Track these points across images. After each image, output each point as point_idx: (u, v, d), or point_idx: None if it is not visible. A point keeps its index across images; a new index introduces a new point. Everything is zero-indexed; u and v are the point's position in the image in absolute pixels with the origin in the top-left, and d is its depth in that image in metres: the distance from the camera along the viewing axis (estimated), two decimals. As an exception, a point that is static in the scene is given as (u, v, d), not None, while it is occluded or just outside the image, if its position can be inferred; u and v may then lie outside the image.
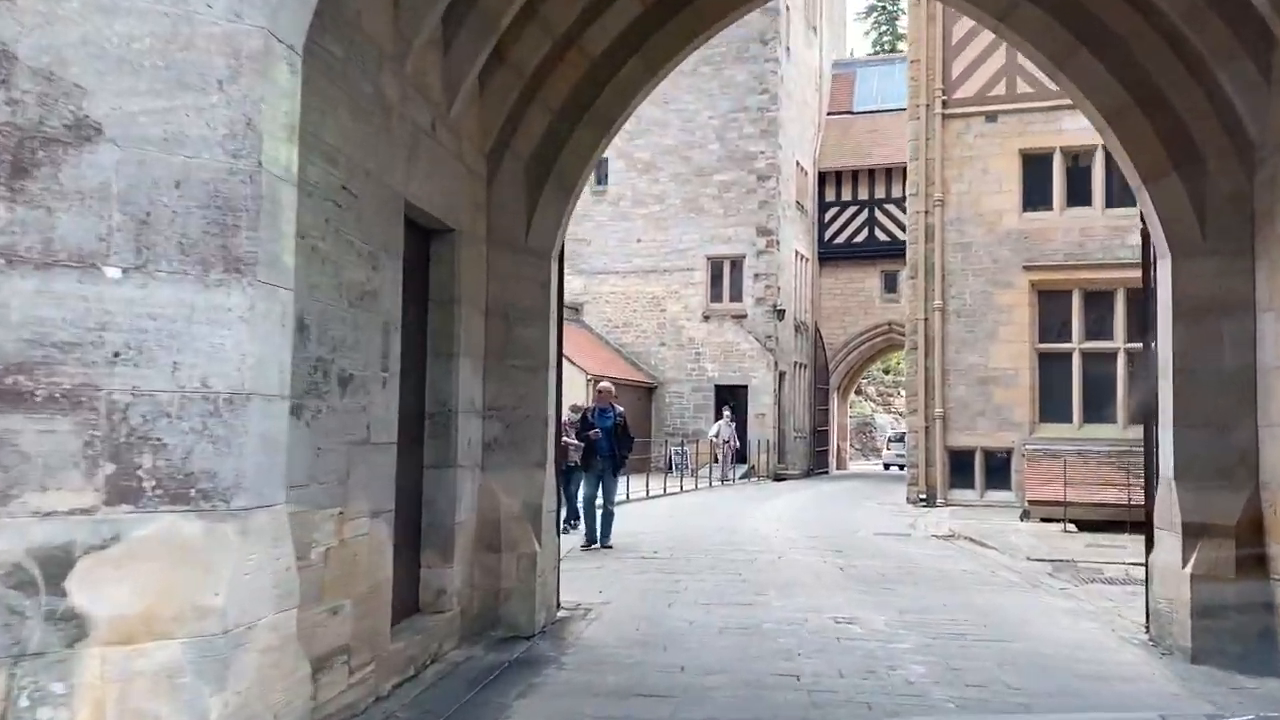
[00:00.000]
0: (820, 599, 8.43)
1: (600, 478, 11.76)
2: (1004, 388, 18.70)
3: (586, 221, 31.79)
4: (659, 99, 31.27)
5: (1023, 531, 14.79)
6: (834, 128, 36.27)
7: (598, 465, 11.78)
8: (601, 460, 11.79)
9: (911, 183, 19.58)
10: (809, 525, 15.04)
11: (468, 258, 6.64)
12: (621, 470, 12.36)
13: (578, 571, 9.85)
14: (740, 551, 11.57)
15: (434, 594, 6.35)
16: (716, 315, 30.65)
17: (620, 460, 12.04)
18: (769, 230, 30.28)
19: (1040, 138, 18.75)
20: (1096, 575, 10.65)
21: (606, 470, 11.77)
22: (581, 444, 11.92)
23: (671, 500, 19.93)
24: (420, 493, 6.37)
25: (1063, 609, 8.40)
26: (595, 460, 11.81)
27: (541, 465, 7.18)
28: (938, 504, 18.72)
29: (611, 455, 11.84)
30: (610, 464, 11.83)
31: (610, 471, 11.84)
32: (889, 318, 34.47)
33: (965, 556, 12.14)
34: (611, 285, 31.58)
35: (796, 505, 19.24)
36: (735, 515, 16.49)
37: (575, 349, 28.03)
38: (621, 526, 13.78)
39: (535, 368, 7.18)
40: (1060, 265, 18.46)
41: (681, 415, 30.55)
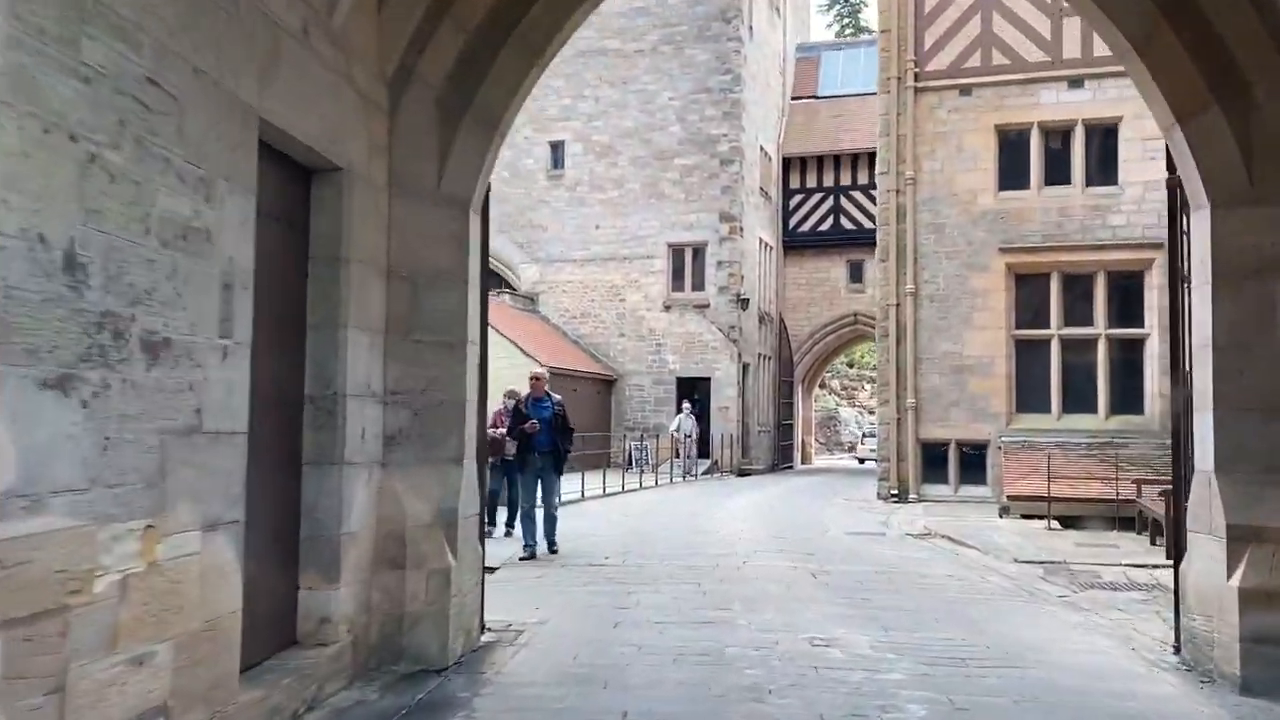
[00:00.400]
0: (792, 614, 7.26)
1: (540, 476, 10.43)
2: (979, 377, 17.69)
3: (543, 207, 30.55)
4: (617, 80, 30.12)
5: (1004, 529, 13.76)
6: (799, 113, 35.23)
7: (536, 462, 10.42)
8: (541, 457, 10.41)
9: (882, 160, 18.51)
10: (776, 524, 13.90)
11: (361, 205, 5.38)
12: (564, 467, 11.00)
13: (514, 584, 8.62)
14: (701, 556, 10.38)
15: (315, 623, 5.09)
16: (678, 305, 29.49)
17: (562, 456, 10.66)
18: (732, 216, 29.15)
19: (1017, 112, 17.74)
20: (1095, 580, 9.58)
21: (547, 468, 10.43)
22: (515, 439, 10.59)
23: (629, 498, 18.72)
24: (297, 498, 5.10)
25: (1070, 623, 7.29)
26: (533, 457, 10.42)
27: (458, 461, 5.93)
28: (910, 499, 17.69)
29: (552, 450, 10.46)
30: (551, 460, 10.48)
31: (552, 469, 10.50)
32: (855, 308, 33.52)
33: (946, 558, 11.04)
34: (569, 274, 30.31)
35: (762, 502, 18.11)
36: (697, 514, 15.32)
37: (531, 340, 26.76)
38: (571, 528, 12.57)
39: (451, 344, 5.93)
40: (1038, 247, 17.47)
41: (642, 409, 29.36)
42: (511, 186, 30.86)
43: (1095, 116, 17.29)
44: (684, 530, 12.91)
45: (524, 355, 25.29)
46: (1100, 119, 17.28)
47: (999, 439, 17.30)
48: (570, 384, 26.45)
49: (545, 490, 10.41)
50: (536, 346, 26.42)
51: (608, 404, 29.38)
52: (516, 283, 30.82)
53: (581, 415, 26.59)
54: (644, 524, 13.66)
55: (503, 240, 30.95)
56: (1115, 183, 17.19)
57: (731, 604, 7.61)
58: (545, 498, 10.37)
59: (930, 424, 17.94)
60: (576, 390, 26.73)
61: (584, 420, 26.50)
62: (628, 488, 20.30)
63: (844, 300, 33.80)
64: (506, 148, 30.76)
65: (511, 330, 26.27)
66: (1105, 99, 17.23)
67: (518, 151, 30.88)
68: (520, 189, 30.84)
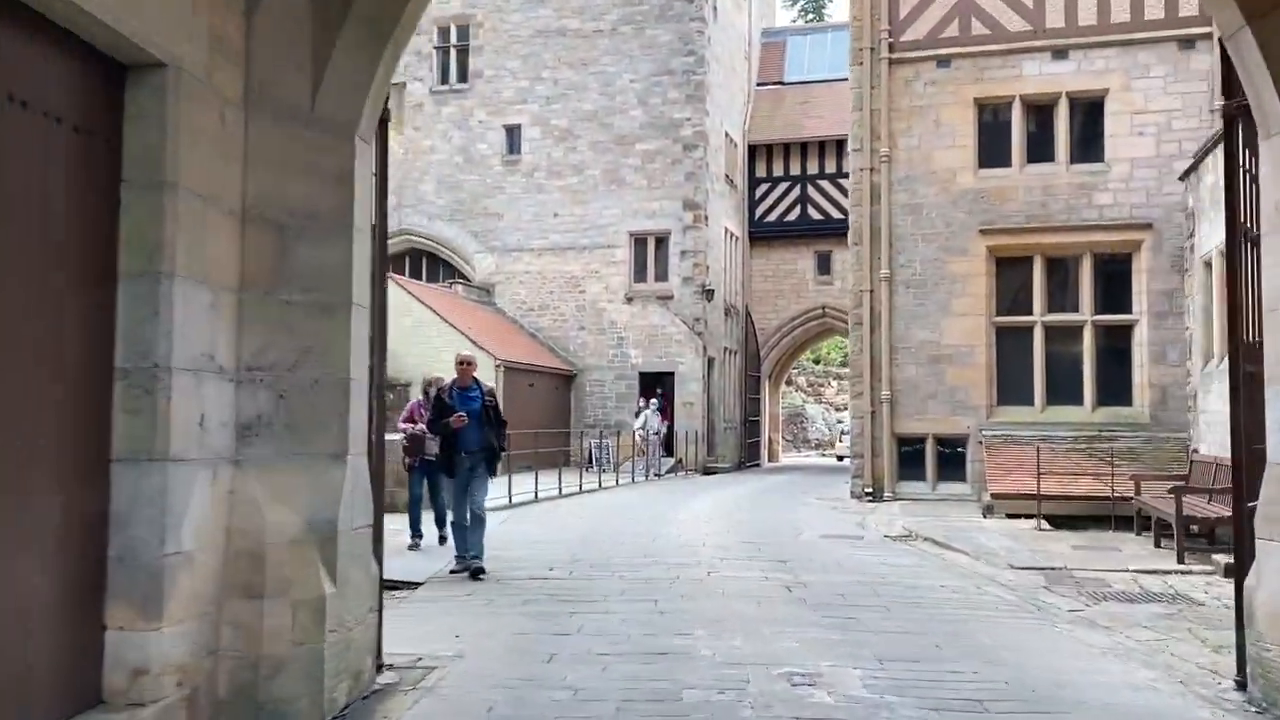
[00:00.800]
0: (766, 641, 6.02)
1: (468, 479, 8.75)
2: (958, 367, 16.60)
3: (498, 195, 29.18)
4: (576, 62, 28.82)
5: (990, 530, 12.64)
6: (764, 99, 34.09)
7: (464, 463, 8.71)
8: (469, 456, 8.70)
9: (854, 137, 17.35)
10: (744, 528, 12.68)
11: (196, 119, 4.05)
12: (496, 468, 9.31)
13: (437, 604, 7.32)
14: (660, 566, 9.12)
15: (127, 675, 3.76)
16: (641, 296, 28.22)
17: (494, 455, 8.96)
18: (697, 204, 27.93)
19: (998, 85, 16.66)
20: (1105, 590, 8.45)
21: (478, 470, 8.73)
22: (438, 435, 8.97)
23: (587, 500, 17.43)
24: (104, 505, 3.78)
25: (1095, 647, 6.12)
26: (460, 457, 8.71)
27: (340, 457, 4.63)
28: (885, 498, 16.55)
29: (483, 449, 8.75)
30: (482, 460, 8.76)
31: (482, 470, 8.78)
32: (823, 301, 32.47)
33: (934, 564, 9.87)
34: (526, 264, 28.95)
35: (729, 503, 16.89)
36: (658, 517, 14.07)
37: (485, 333, 25.39)
38: (518, 534, 11.30)
39: (330, 306, 4.63)
40: (1021, 228, 16.40)
41: (603, 405, 28.07)
42: (465, 173, 29.48)
43: (1080, 89, 16.24)
44: (643, 535, 11.65)
45: (479, 349, 23.91)
46: (1086, 91, 16.23)
47: (979, 433, 16.22)
48: (527, 379, 25.14)
49: (473, 494, 8.72)
50: (491, 340, 25.05)
51: (567, 400, 28.06)
52: (471, 273, 29.42)
53: (539, 412, 25.28)
54: (599, 528, 12.38)
55: (456, 229, 29.57)
56: (1102, 159, 16.16)
57: (693, 628, 6.35)
58: (473, 502, 8.71)
59: (906, 417, 16.82)
60: (534, 385, 25.43)
61: (542, 417, 25.19)
62: (586, 488, 19.01)
63: (812, 293, 32.73)
64: (457, 130, 29.65)
65: (464, 323, 24.90)
66: (1091, 70, 16.20)
67: (471, 136, 29.50)
68: (474, 175, 29.45)
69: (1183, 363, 15.49)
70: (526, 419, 23.30)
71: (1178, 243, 15.60)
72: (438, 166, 29.74)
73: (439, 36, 30.22)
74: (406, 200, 29.94)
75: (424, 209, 29.84)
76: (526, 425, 22.12)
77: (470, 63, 29.75)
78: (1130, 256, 15.99)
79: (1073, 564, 9.77)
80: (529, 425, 22.53)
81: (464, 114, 29.65)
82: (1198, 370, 13.11)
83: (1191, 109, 15.68)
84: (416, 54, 30.16)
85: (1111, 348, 16.09)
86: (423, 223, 29.87)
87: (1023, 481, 14.43)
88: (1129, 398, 15.95)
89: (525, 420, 22.93)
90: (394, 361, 24.94)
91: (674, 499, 17.56)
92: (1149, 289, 15.75)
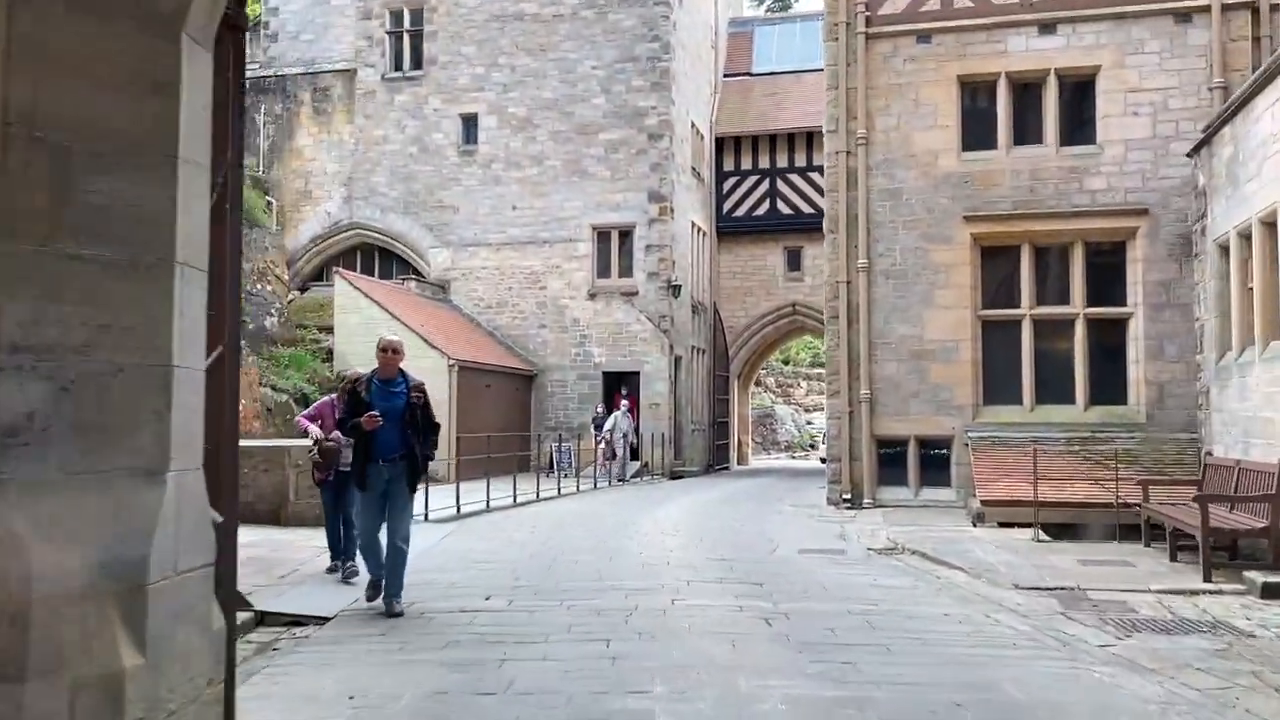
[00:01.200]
0: (743, 700, 4.78)
1: (387, 495, 7.11)
2: (942, 364, 15.48)
3: (454, 187, 27.82)
4: (535, 48, 27.52)
5: (984, 541, 11.50)
6: (732, 91, 32.98)
7: (381, 474, 7.03)
8: (387, 466, 7.03)
9: (829, 117, 16.19)
10: (714, 541, 11.43)
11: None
12: (418, 481, 7.32)
13: (342, 648, 6.00)
14: (617, 592, 7.85)
15: None
16: (604, 293, 26.95)
17: (420, 465, 7.21)
18: (662, 196, 26.70)
19: (982, 61, 15.57)
20: (1131, 616, 7.30)
21: (397, 482, 7.08)
22: (350, 440, 7.36)
23: (544, 509, 16.13)
24: None
25: (1149, 701, 4.93)
26: (377, 467, 7.03)
27: (157, 475, 3.32)
28: (865, 505, 15.40)
29: (405, 456, 7.09)
30: (404, 472, 7.08)
31: (403, 484, 7.11)
32: (793, 298, 31.40)
33: (930, 585, 8.69)
34: (483, 259, 27.59)
35: (697, 511, 15.65)
36: (620, 528, 12.80)
37: (439, 331, 24.01)
38: (459, 551, 10.01)
39: (144, 266, 3.31)
40: (1007, 215, 15.31)
41: (565, 406, 26.76)
42: (419, 164, 28.08)
43: (1070, 66, 15.18)
44: (600, 551, 10.37)
45: (431, 348, 22.57)
46: (1076, 68, 15.17)
47: (965, 434, 15.11)
48: (484, 380, 23.79)
49: (392, 513, 7.09)
50: (445, 338, 23.68)
51: (527, 401, 26.72)
52: (426, 269, 28.01)
53: (497, 414, 23.91)
54: (552, 543, 11.09)
55: (410, 222, 28.15)
56: (1094, 141, 15.10)
57: (652, 682, 5.09)
58: (391, 524, 7.09)
59: (887, 418, 15.67)
60: (490, 386, 24.09)
61: (500, 420, 23.83)
62: (544, 495, 17.71)
63: (782, 290, 31.65)
64: (411, 119, 28.25)
65: (416, 320, 23.50)
66: (1081, 46, 15.15)
67: (425, 125, 28.11)
68: (428, 166, 28.06)
69: (1181, 358, 14.47)
70: (483, 422, 21.96)
71: (1176, 230, 14.58)
72: (390, 157, 28.31)
73: (391, 21, 28.81)
74: (358, 193, 28.52)
75: (376, 201, 28.40)
76: (483, 428, 20.79)
77: (424, 48, 28.36)
78: (1124, 245, 14.94)
79: (1085, 583, 8.63)
80: (486, 428, 21.19)
81: (417, 102, 28.24)
82: (1211, 364, 12.05)
83: (1189, 87, 14.67)
84: (368, 39, 28.77)
85: (1105, 343, 15.03)
86: (375, 216, 28.43)
87: (1015, 487, 13.32)
88: (1124, 396, 14.90)
89: (482, 423, 21.60)
90: (340, 363, 23.57)
91: (638, 507, 16.31)
92: (1145, 279, 14.71)
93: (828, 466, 16.21)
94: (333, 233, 28.83)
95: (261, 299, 23.78)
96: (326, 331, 23.91)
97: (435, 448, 7.51)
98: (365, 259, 28.88)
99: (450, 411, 22.05)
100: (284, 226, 28.70)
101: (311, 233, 28.92)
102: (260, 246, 24.43)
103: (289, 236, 28.73)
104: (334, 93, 29.08)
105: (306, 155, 29.16)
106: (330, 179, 28.88)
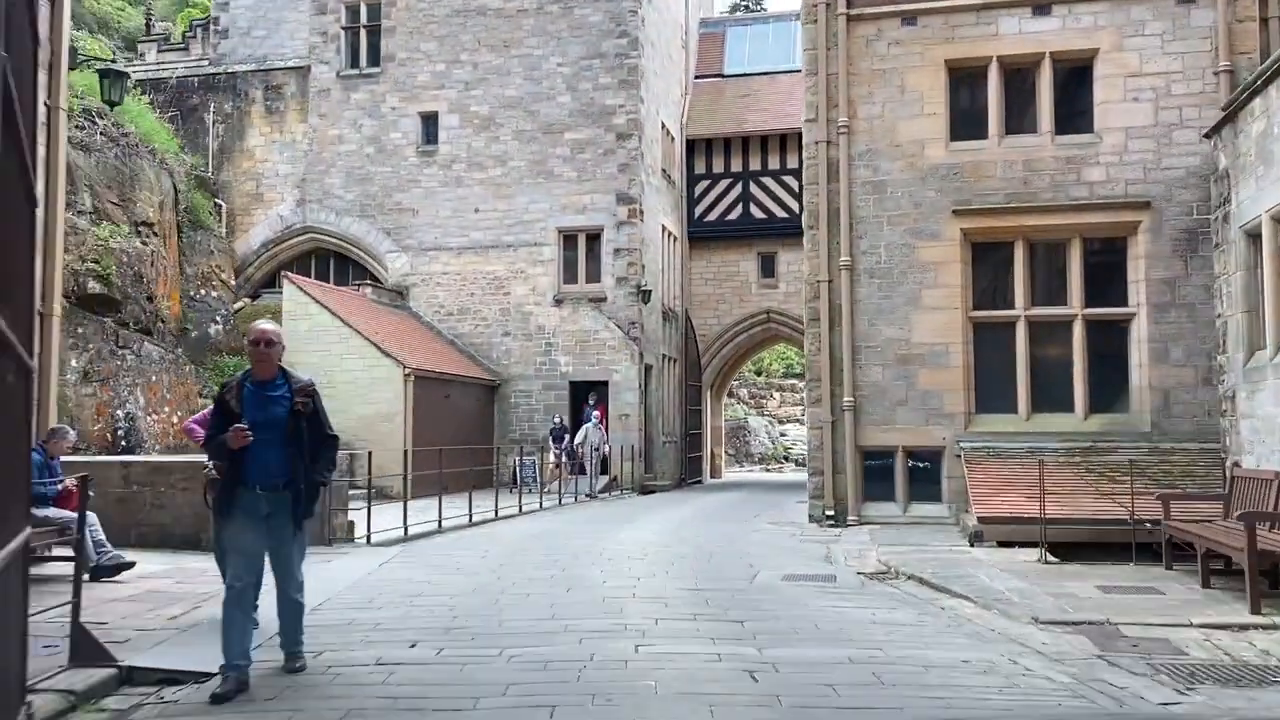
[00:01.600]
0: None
1: (264, 535, 5.43)
2: (931, 369, 14.36)
3: (413, 188, 26.52)
4: (498, 43, 26.32)
5: (986, 564, 10.34)
6: (703, 92, 31.93)
7: (257, 507, 5.38)
8: (264, 496, 5.38)
9: (808, 105, 15.06)
10: (686, 566, 10.19)
11: None
12: (311, 511, 5.62)
13: (208, 722, 4.70)
14: (570, 635, 6.59)
15: None
16: (571, 299, 25.71)
17: (310, 494, 5.53)
18: (631, 198, 25.52)
19: (971, 45, 14.52)
20: (1183, 660, 6.14)
21: (279, 516, 5.44)
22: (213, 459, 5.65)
23: (501, 528, 14.85)
24: None
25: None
26: (248, 494, 5.38)
27: None
28: (849, 522, 14.23)
29: (289, 483, 5.44)
30: (287, 503, 5.45)
31: (286, 518, 5.46)
32: (768, 305, 30.30)
33: (937, 620, 7.49)
34: (444, 264, 26.27)
35: (669, 531, 14.40)
36: (581, 552, 11.53)
37: (396, 339, 22.66)
38: (396, 581, 8.74)
39: None
40: (1000, 209, 14.25)
41: (530, 418, 25.44)
42: (377, 165, 26.76)
43: (1066, 49, 14.16)
44: (557, 581, 9.09)
45: (385, 357, 21.25)
46: (1072, 52, 14.16)
47: (956, 445, 14.00)
48: (443, 390, 22.45)
49: (277, 560, 5.50)
50: (401, 346, 22.34)
51: (489, 413, 25.39)
52: (383, 275, 26.64)
53: (457, 427, 22.53)
54: (504, 571, 9.81)
55: (367, 226, 26.80)
56: (1091, 130, 14.08)
57: (604, 776, 3.85)
58: (278, 573, 5.54)
59: (872, 427, 14.53)
60: (450, 397, 22.75)
61: (460, 433, 22.47)
62: (504, 513, 16.41)
63: (755, 297, 30.53)
64: (368, 118, 26.92)
65: (370, 328, 22.16)
66: (1077, 28, 14.14)
67: (383, 124, 26.80)
68: (386, 167, 26.74)
69: (1189, 362, 13.45)
70: (441, 435, 20.63)
71: (1181, 224, 13.58)
72: (346, 158, 26.96)
73: (347, 16, 27.51)
74: (311, 195, 27.14)
75: (331, 204, 27.02)
76: (442, 441, 19.44)
77: (382, 45, 27.07)
78: (1125, 240, 13.91)
79: (1114, 615, 7.47)
80: (444, 442, 19.84)
81: (375, 100, 26.93)
82: (1238, 366, 10.98)
83: (1194, 71, 13.69)
84: (323, 35, 27.44)
85: (1106, 346, 13.98)
86: (330, 219, 27.05)
87: (1015, 502, 12.21)
88: (1126, 403, 13.84)
89: (440, 436, 20.27)
90: (289, 371, 22.13)
91: (604, 526, 15.04)
92: (1148, 277, 13.68)
93: (809, 480, 15.02)
94: (285, 237, 27.41)
95: (206, 305, 22.36)
96: (275, 340, 22.45)
97: (333, 469, 5.82)
98: (320, 264, 27.49)
99: (406, 423, 20.72)
100: (234, 231, 27.26)
101: (263, 237, 27.49)
102: (205, 250, 23.00)
103: (239, 241, 27.30)
104: (287, 91, 27.71)
105: (258, 156, 27.74)
106: (283, 181, 27.48)
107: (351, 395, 20.86)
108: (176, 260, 21.03)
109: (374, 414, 20.61)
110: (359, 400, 20.79)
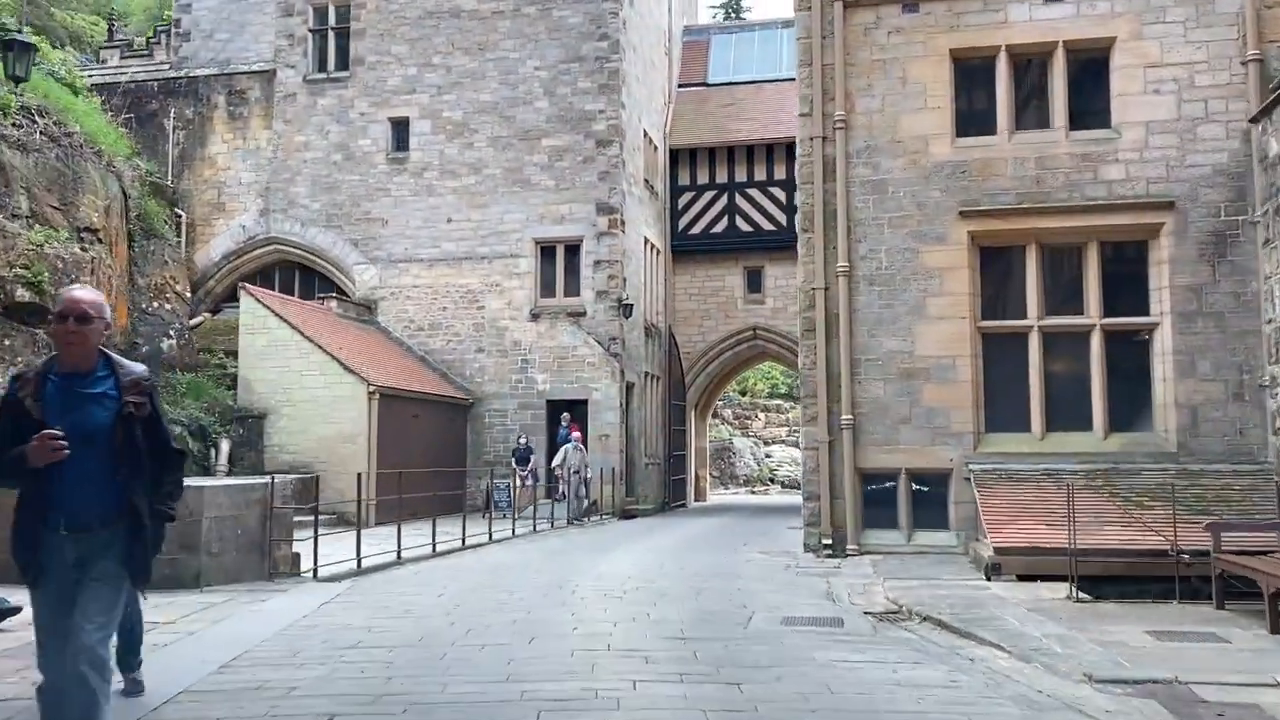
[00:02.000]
0: None
1: (72, 588, 3.76)
2: (936, 384, 13.18)
3: (383, 197, 25.27)
4: (472, 46, 25.17)
5: (1011, 603, 9.11)
6: (687, 101, 30.88)
7: (64, 551, 3.77)
8: (72, 537, 3.78)
9: (802, 98, 13.93)
10: (669, 608, 8.89)
11: None
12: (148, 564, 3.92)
13: None
14: (526, 708, 5.29)
15: None
16: (548, 313, 24.46)
17: (158, 531, 3.96)
18: (612, 208, 24.35)
19: (978, 33, 13.43)
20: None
21: (92, 566, 3.77)
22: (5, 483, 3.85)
23: (467, 559, 13.52)
24: None
25: None
26: (58, 540, 3.77)
27: None
28: (849, 552, 12.99)
29: (116, 517, 3.82)
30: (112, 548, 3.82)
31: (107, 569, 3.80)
32: (754, 321, 29.15)
33: (972, 681, 6.22)
34: (414, 277, 24.99)
35: (650, 562, 13.10)
36: (552, 589, 10.22)
37: (360, 354, 21.31)
38: (330, 629, 7.44)
39: None
40: (1010, 210, 13.13)
41: (505, 439, 24.10)
42: (344, 172, 25.51)
43: (1080, 38, 13.09)
44: (519, 627, 7.79)
45: (348, 373, 19.90)
46: (1087, 41, 13.08)
47: (965, 467, 12.80)
48: (411, 409, 21.11)
49: (86, 613, 3.70)
50: (367, 362, 21.00)
51: (462, 433, 24.04)
52: (351, 288, 25.33)
53: (427, 448, 21.15)
54: (460, 613, 8.49)
55: (333, 237, 25.50)
56: (1108, 124, 12.99)
57: None
58: (76, 641, 3.65)
59: (872, 448, 13.31)
60: (419, 417, 21.40)
61: (430, 454, 21.10)
62: (471, 540, 15.07)
63: (741, 312, 29.38)
64: (335, 123, 25.62)
65: (334, 342, 20.82)
66: (1093, 15, 13.08)
67: (351, 130, 25.57)
68: (355, 175, 25.48)
69: (1218, 376, 12.33)
70: (410, 456, 19.29)
71: (1208, 226, 12.48)
72: (312, 165, 25.69)
73: (315, 18, 26.33)
74: (275, 204, 25.84)
75: (296, 214, 25.72)
76: (410, 464, 18.13)
77: (351, 48, 25.88)
78: (1147, 244, 12.82)
79: (1181, 671, 6.24)
80: (413, 464, 18.54)
81: (343, 106, 25.70)
82: (1293, 377, 9.84)
83: (1219, 61, 12.63)
84: (289, 38, 26.24)
85: (1126, 359, 12.85)
86: (294, 230, 25.74)
87: (1034, 531, 11.01)
88: (1150, 421, 12.70)
89: (408, 458, 18.92)
90: (245, 391, 20.75)
91: (581, 556, 13.74)
92: (1172, 284, 12.57)
93: (803, 505, 13.77)
94: (248, 248, 26.07)
95: (158, 319, 20.97)
96: (234, 356, 21.08)
97: (178, 496, 4.16)
98: (285, 277, 26.14)
99: (370, 444, 19.37)
100: (194, 242, 25.90)
101: (225, 248, 26.14)
102: (158, 260, 21.63)
103: (200, 253, 25.95)
104: (251, 96, 26.44)
105: (220, 164, 26.43)
106: (246, 189, 26.17)
107: (311, 414, 19.53)
108: (125, 269, 19.67)
109: (335, 434, 19.27)
110: (319, 420, 19.45)
